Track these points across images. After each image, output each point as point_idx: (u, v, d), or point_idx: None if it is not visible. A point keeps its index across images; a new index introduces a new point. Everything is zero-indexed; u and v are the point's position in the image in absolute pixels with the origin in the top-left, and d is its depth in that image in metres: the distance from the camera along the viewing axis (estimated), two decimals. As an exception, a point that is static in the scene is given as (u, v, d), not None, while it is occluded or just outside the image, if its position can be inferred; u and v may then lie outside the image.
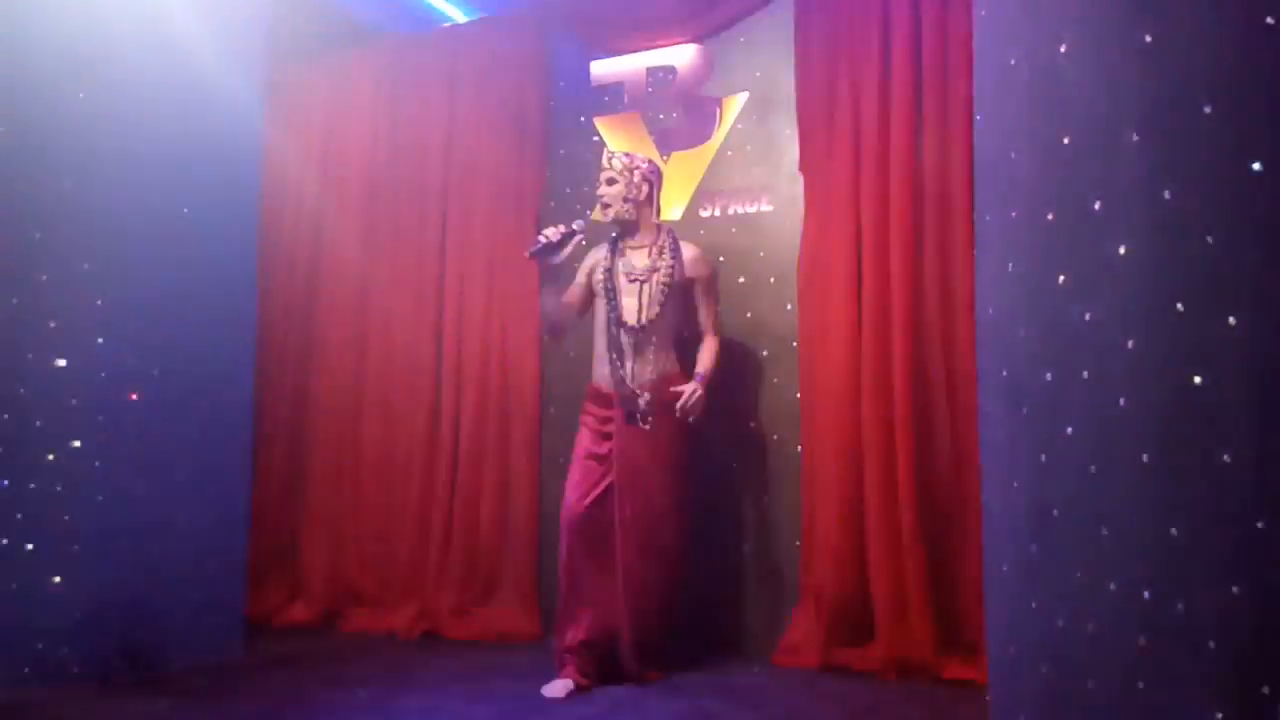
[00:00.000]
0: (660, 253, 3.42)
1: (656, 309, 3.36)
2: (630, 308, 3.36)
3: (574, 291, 3.50)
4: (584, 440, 3.38)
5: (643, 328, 3.35)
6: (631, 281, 3.39)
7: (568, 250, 3.23)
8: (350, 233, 4.67)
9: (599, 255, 3.49)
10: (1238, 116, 1.61)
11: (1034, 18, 1.92)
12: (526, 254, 3.24)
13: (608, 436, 3.32)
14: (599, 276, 3.43)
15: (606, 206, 3.44)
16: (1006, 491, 1.98)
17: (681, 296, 3.45)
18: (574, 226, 3.25)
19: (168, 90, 3.53)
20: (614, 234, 3.51)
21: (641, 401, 3.29)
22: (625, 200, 3.40)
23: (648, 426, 3.29)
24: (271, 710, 2.97)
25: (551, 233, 3.20)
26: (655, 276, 3.38)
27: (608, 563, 3.24)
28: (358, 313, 4.60)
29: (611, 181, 3.42)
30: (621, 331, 3.34)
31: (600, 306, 3.42)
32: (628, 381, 3.32)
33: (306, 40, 4.80)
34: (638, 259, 3.43)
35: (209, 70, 3.69)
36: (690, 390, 3.33)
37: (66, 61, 3.31)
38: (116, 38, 3.41)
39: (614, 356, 3.32)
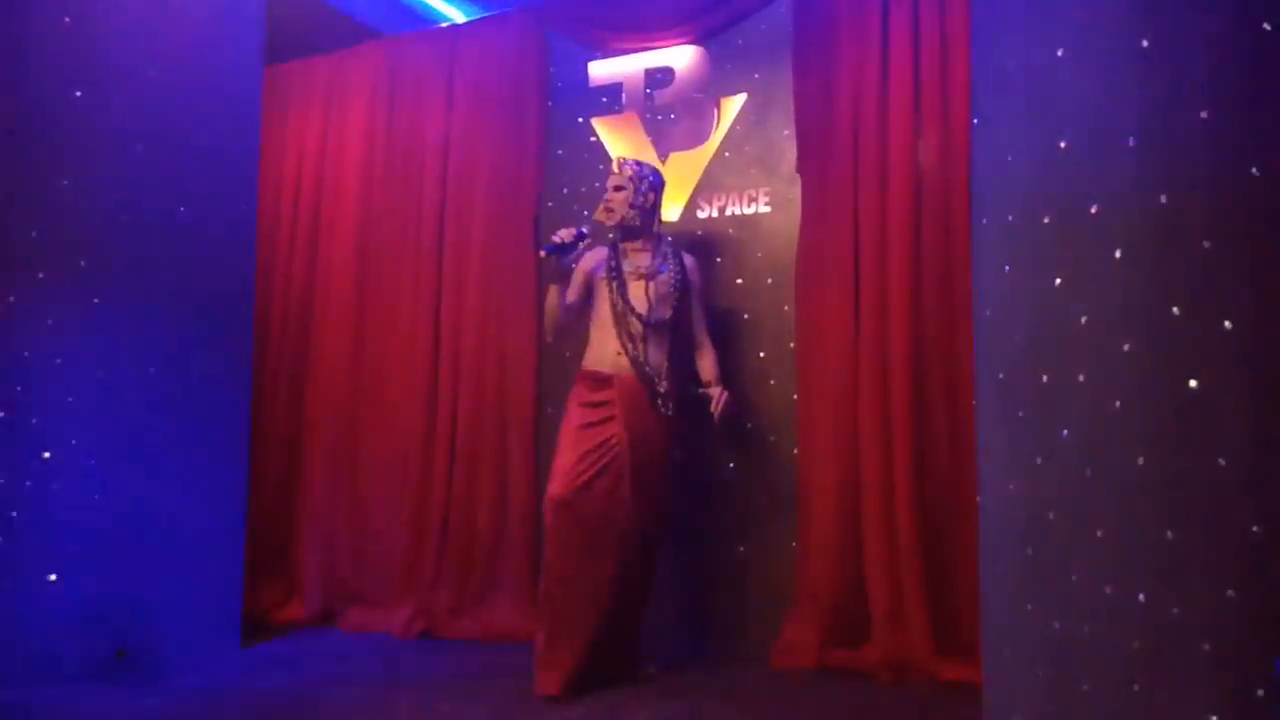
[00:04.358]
0: (665, 257, 3.50)
1: (669, 310, 3.43)
2: (638, 301, 3.41)
3: (573, 290, 3.52)
4: (573, 420, 3.37)
5: (651, 324, 3.39)
6: (638, 279, 3.44)
7: (577, 251, 3.36)
8: (347, 232, 4.66)
9: (599, 255, 3.53)
10: (1235, 122, 1.62)
11: (1032, 22, 1.93)
12: (540, 253, 3.33)
13: (600, 421, 3.32)
14: (601, 274, 3.47)
15: (611, 211, 3.48)
16: (1003, 494, 1.98)
17: (683, 300, 3.50)
18: (583, 229, 3.36)
19: (164, 89, 3.53)
20: (612, 236, 3.54)
21: (662, 387, 3.37)
22: (631, 207, 3.47)
23: (669, 410, 3.37)
24: (267, 709, 2.96)
25: (565, 234, 3.30)
26: (662, 277, 3.45)
27: (598, 547, 3.21)
28: (355, 312, 4.60)
29: (619, 188, 3.49)
30: (634, 320, 3.38)
31: (602, 300, 3.45)
32: (645, 367, 3.36)
33: (304, 40, 4.79)
34: (641, 259, 3.49)
35: (206, 68, 3.69)
36: (719, 395, 3.42)
37: (63, 60, 3.31)
38: (113, 37, 3.40)
39: (627, 344, 3.37)
